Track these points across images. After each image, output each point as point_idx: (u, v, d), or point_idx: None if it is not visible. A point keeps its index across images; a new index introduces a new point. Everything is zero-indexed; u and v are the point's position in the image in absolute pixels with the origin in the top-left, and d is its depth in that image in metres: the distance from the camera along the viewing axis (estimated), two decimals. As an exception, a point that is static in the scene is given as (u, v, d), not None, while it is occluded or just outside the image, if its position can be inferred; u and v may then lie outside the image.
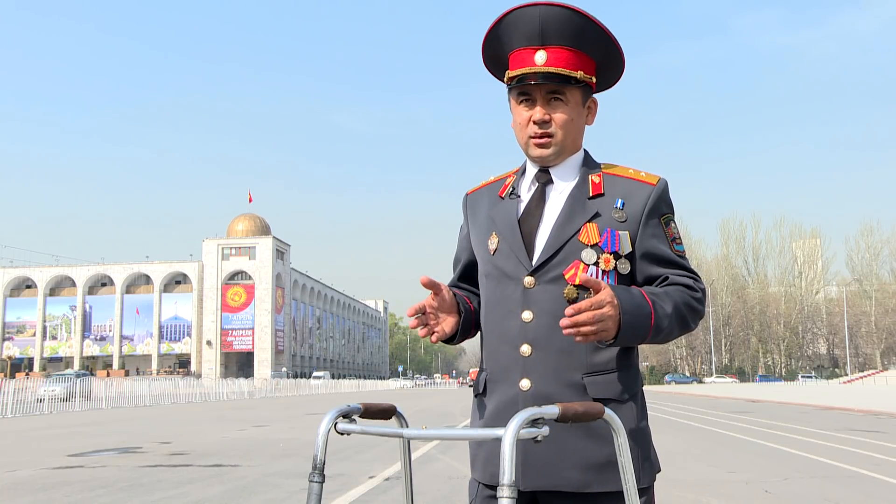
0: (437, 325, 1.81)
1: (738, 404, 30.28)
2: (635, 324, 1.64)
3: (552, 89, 1.77)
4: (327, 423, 1.53)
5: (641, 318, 1.65)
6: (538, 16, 1.74)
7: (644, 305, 1.66)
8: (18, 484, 8.16)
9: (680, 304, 1.72)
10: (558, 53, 1.75)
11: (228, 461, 10.17)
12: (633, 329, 1.64)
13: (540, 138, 1.78)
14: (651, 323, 1.66)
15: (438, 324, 1.82)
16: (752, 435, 14.60)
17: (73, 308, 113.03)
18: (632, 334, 1.65)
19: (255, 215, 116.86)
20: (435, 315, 1.81)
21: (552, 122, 1.78)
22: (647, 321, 1.66)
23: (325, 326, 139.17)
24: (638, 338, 1.67)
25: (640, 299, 1.66)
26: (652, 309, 1.67)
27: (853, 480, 8.15)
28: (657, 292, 1.72)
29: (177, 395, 39.17)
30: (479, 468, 1.81)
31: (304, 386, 63.18)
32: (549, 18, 1.73)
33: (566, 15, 1.73)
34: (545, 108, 1.78)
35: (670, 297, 1.72)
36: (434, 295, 1.79)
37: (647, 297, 1.68)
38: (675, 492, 7.26)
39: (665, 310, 1.69)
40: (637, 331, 1.65)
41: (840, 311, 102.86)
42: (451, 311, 1.84)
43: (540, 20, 1.74)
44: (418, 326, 1.79)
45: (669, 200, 1.81)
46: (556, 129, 1.78)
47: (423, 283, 1.75)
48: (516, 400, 1.73)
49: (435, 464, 9.45)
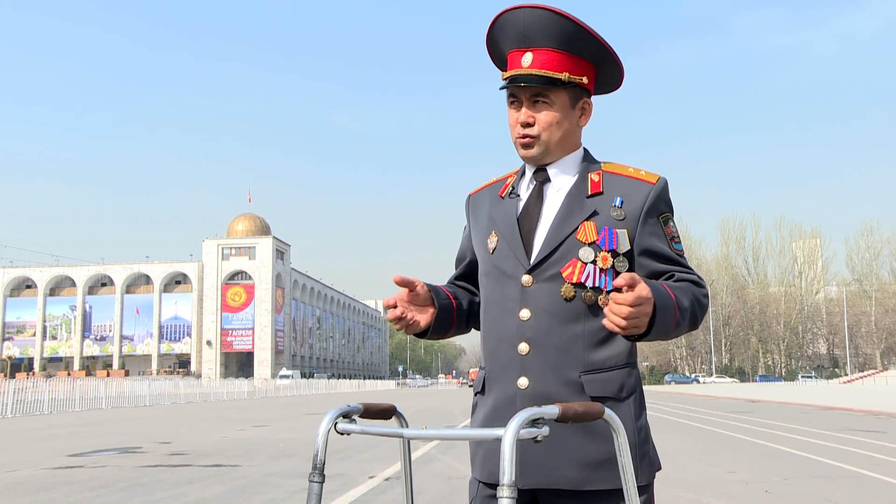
0: (412, 318, 1.85)
1: (738, 404, 30.28)
2: (664, 319, 1.63)
3: (537, 91, 1.78)
4: (327, 423, 1.54)
5: (668, 315, 1.64)
6: (523, 19, 1.76)
7: (670, 300, 1.66)
8: (18, 484, 8.16)
9: (693, 300, 1.73)
10: (544, 55, 1.77)
11: (228, 461, 10.17)
12: (662, 324, 1.63)
13: (524, 139, 1.81)
14: (674, 319, 1.66)
15: (413, 317, 1.85)
16: (752, 435, 14.60)
17: (73, 308, 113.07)
18: (660, 330, 1.64)
19: (255, 215, 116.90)
20: (407, 309, 1.85)
21: (536, 124, 1.79)
22: (671, 318, 1.65)
23: (325, 326, 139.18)
24: (662, 334, 1.66)
25: (667, 295, 1.66)
26: (676, 305, 1.66)
27: (853, 480, 8.15)
28: (675, 287, 1.71)
29: (177, 395, 39.16)
30: (478, 466, 1.82)
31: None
32: (533, 21, 1.75)
33: (549, 17, 1.74)
34: (530, 109, 1.80)
35: (685, 293, 1.72)
36: (409, 291, 1.83)
37: (670, 292, 1.68)
38: (675, 492, 7.26)
39: (684, 305, 1.69)
40: (664, 327, 1.64)
41: (840, 311, 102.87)
42: (425, 305, 1.87)
43: (524, 23, 1.76)
44: (394, 319, 1.83)
45: (669, 199, 1.81)
46: (540, 131, 1.79)
47: (395, 282, 1.80)
48: (514, 398, 1.74)
49: (435, 464, 9.45)
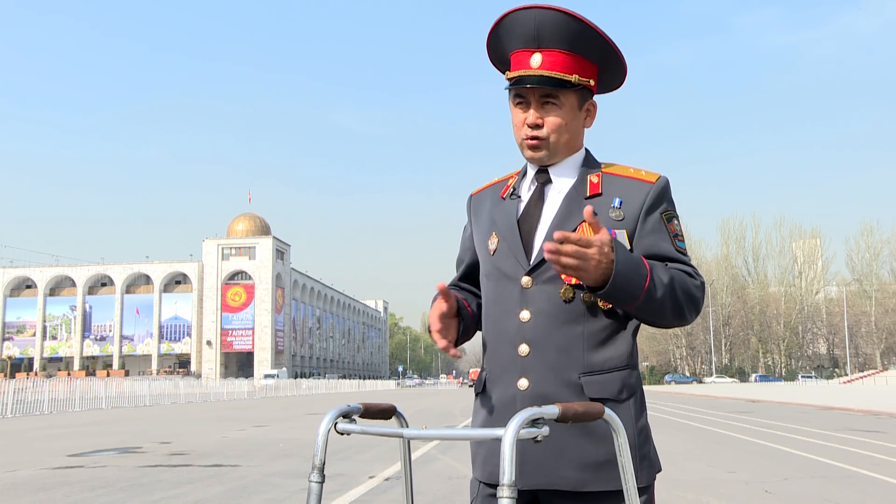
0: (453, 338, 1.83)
1: (738, 404, 30.27)
2: (629, 278, 1.62)
3: (546, 93, 1.77)
4: (327, 423, 1.53)
5: (636, 278, 1.63)
6: (533, 19, 1.74)
7: (641, 266, 1.65)
8: (18, 484, 8.16)
9: (678, 281, 1.71)
10: (554, 57, 1.76)
11: (228, 461, 10.17)
12: (626, 282, 1.62)
13: (532, 140, 1.80)
14: (645, 284, 1.65)
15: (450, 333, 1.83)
16: (752, 435, 14.60)
17: (73, 308, 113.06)
18: (624, 288, 1.63)
19: (255, 215, 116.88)
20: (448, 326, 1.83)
21: (544, 126, 1.79)
22: (640, 281, 1.64)
23: (325, 326, 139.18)
24: (629, 296, 1.64)
25: (638, 260, 1.66)
26: (649, 272, 1.66)
27: (853, 480, 8.15)
28: (658, 265, 1.71)
29: (177, 395, 39.17)
30: (479, 466, 1.82)
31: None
32: (545, 22, 1.74)
33: (561, 18, 1.73)
34: (538, 111, 1.79)
35: (669, 271, 1.71)
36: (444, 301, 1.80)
37: (645, 261, 1.68)
38: (675, 492, 7.26)
39: (661, 279, 1.68)
40: (629, 288, 1.63)
41: (840, 311, 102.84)
42: (452, 316, 1.85)
43: (535, 23, 1.74)
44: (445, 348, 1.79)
45: (670, 197, 1.81)
46: (549, 133, 1.78)
47: (439, 290, 1.78)
48: (514, 399, 1.74)
49: (435, 464, 9.45)
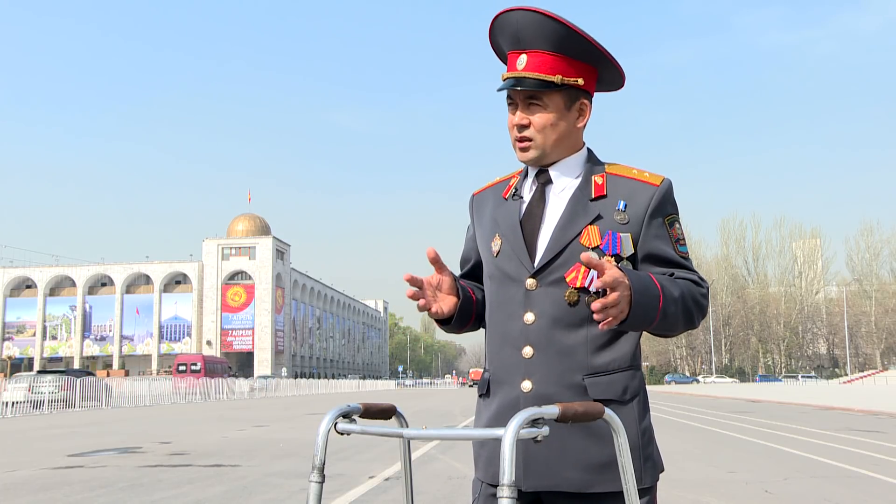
0: (435, 302, 1.82)
1: (738, 404, 30.25)
2: (645, 304, 1.61)
3: (530, 94, 1.77)
4: (327, 423, 1.53)
5: (651, 299, 1.63)
6: (516, 21, 1.75)
7: (653, 287, 1.64)
8: (18, 484, 8.16)
9: (686, 293, 1.71)
10: (538, 58, 1.76)
11: (228, 461, 10.17)
12: (643, 309, 1.61)
13: (520, 142, 1.80)
14: (660, 305, 1.64)
15: (436, 301, 1.82)
16: (752, 435, 14.59)
17: (73, 308, 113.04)
18: (642, 315, 1.62)
19: (255, 215, 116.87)
20: (433, 293, 1.82)
21: (531, 126, 1.79)
22: (655, 302, 1.63)
23: (325, 326, 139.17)
24: (647, 320, 1.64)
25: (648, 280, 1.65)
26: (660, 291, 1.65)
27: (853, 480, 8.14)
28: (664, 278, 1.70)
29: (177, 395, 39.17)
30: (481, 467, 1.81)
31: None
32: (525, 24, 1.75)
33: (539, 20, 1.73)
34: (524, 112, 1.79)
35: (677, 284, 1.71)
36: (437, 270, 1.80)
37: (654, 279, 1.67)
38: (675, 492, 7.25)
39: (673, 294, 1.67)
40: (647, 312, 1.62)
41: (840, 311, 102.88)
42: (450, 293, 1.84)
43: (517, 26, 1.75)
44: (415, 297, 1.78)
45: (674, 201, 1.80)
46: (535, 133, 1.79)
47: (429, 255, 1.76)
48: (518, 401, 1.74)
49: (435, 464, 9.44)
